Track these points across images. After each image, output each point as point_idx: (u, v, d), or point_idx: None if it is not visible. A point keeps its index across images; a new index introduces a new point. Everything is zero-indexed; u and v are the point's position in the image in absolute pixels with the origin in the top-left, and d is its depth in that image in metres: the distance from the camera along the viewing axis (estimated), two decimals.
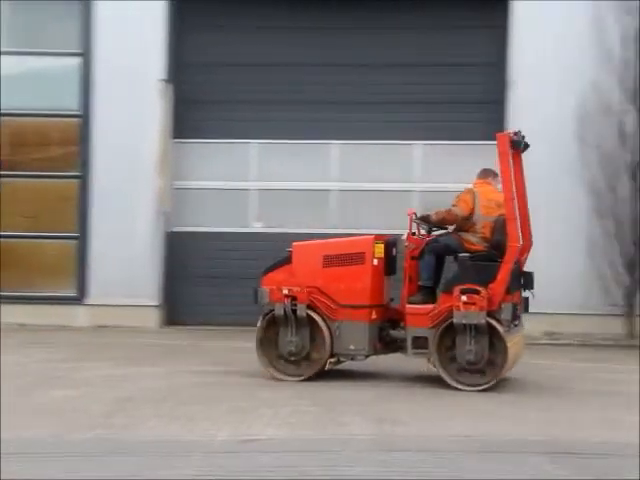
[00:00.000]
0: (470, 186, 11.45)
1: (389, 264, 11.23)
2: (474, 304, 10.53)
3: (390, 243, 11.27)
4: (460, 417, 9.35)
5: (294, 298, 11.04)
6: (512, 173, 10.75)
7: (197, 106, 16.61)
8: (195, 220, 16.72)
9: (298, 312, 11.02)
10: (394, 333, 11.20)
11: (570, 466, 7.67)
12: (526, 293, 11.30)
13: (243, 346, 12.32)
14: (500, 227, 10.90)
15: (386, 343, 11.23)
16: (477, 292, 10.53)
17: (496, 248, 10.89)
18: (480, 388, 10.60)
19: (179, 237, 16.69)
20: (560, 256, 15.56)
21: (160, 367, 12.13)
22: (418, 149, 16.45)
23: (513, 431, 8.82)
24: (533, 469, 7.49)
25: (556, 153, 15.53)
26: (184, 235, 16.70)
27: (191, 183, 16.77)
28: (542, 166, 15.63)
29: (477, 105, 16.20)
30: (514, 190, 10.76)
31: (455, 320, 10.61)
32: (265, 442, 8.14)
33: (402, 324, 11.13)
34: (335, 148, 16.62)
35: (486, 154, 16.14)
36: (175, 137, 16.65)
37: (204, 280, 16.50)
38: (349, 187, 16.56)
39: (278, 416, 9.16)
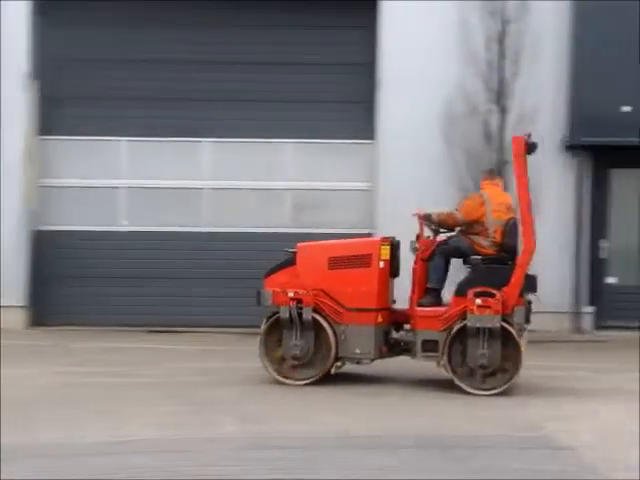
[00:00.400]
0: (480, 192, 11.33)
1: (393, 266, 11.06)
2: (489, 307, 10.42)
3: (394, 245, 11.10)
4: (321, 414, 9.46)
5: (300, 301, 10.78)
6: (527, 176, 10.72)
7: (65, 103, 16.26)
8: (63, 219, 16.38)
9: (304, 315, 10.76)
10: (400, 336, 11.10)
11: (444, 459, 7.85)
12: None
13: (112, 346, 12.15)
14: (510, 231, 10.92)
15: (391, 346, 11.08)
16: (491, 295, 10.46)
17: (506, 251, 10.86)
18: (493, 392, 10.53)
19: (46, 236, 16.32)
20: None
21: (24, 369, 11.82)
22: (289, 147, 16.51)
23: (374, 426, 8.97)
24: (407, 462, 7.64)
25: (424, 153, 15.81)
26: (51, 234, 16.33)
27: (58, 181, 16.43)
28: (411, 166, 15.91)
29: (347, 104, 16.34)
30: (528, 193, 10.73)
31: (469, 323, 10.47)
32: (137, 443, 8.06)
33: (408, 327, 11.01)
34: (206, 146, 16.53)
35: (356, 153, 16.42)
36: (41, 134, 16.28)
37: (72, 280, 16.18)
38: (221, 185, 16.49)
39: (148, 416, 9.09)
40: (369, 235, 16.01)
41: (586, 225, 15.92)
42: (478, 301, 10.43)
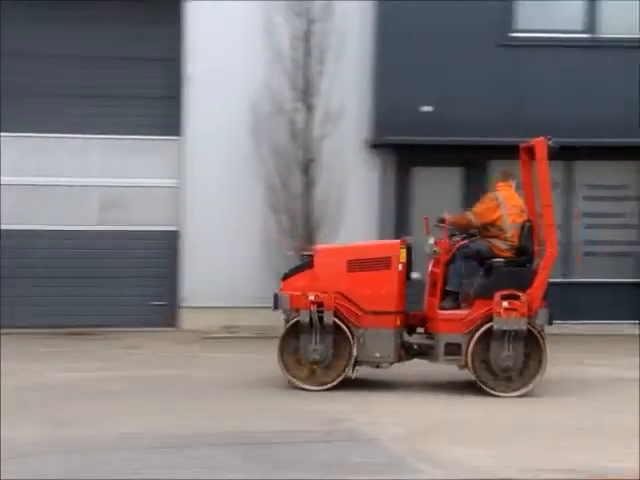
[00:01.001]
0: (495, 193, 11.18)
1: (409, 269, 10.89)
2: (515, 310, 10.42)
3: (409, 248, 10.95)
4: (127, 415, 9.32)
5: (320, 304, 10.53)
6: (550, 179, 10.71)
7: None
8: None
9: (325, 319, 10.53)
10: (417, 339, 10.99)
11: (245, 456, 7.83)
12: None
13: None
14: (526, 233, 10.91)
15: (406, 349, 10.90)
16: (517, 298, 10.45)
17: (524, 254, 10.87)
18: (516, 394, 10.56)
19: None
20: (238, 251, 15.86)
21: None
22: (94, 144, 16.12)
23: (191, 425, 8.88)
24: (204, 461, 7.59)
25: (232, 150, 15.81)
26: None
27: None
28: (219, 163, 15.87)
29: (154, 100, 16.12)
30: (551, 196, 10.72)
31: (496, 326, 10.45)
32: None
33: (423, 330, 10.96)
34: (8, 141, 15.90)
35: (162, 150, 16.20)
36: None
37: None
38: (21, 182, 15.93)
39: None
40: (175, 233, 15.93)
41: (390, 222, 16.26)
42: (505, 304, 10.44)
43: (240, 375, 11.64)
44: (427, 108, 15.64)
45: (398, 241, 11.10)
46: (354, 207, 15.78)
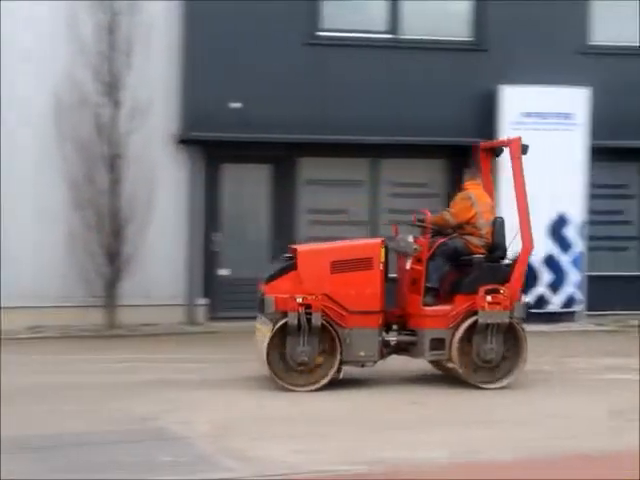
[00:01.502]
0: (467, 192, 11.43)
1: (386, 268, 10.88)
2: (498, 304, 10.78)
3: (387, 247, 10.95)
4: None
5: (308, 306, 10.47)
6: (524, 177, 11.11)
7: None
8: None
9: (313, 321, 10.47)
10: (397, 336, 11.11)
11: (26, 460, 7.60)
12: None
13: None
14: (498, 230, 11.23)
15: (387, 347, 11.01)
16: (499, 292, 10.79)
17: (497, 250, 11.18)
18: (500, 384, 10.89)
19: None
20: (43, 249, 15.40)
21: None
22: None
23: None
24: None
25: (36, 145, 15.34)
26: None
27: None
28: (23, 158, 15.35)
29: None
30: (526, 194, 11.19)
31: (481, 320, 10.74)
32: None
33: (408, 327, 11.06)
34: None
35: None
36: None
37: None
38: None
39: None
40: None
41: (200, 218, 16.17)
42: (489, 298, 10.77)
43: (45, 377, 11.30)
44: (236, 105, 15.60)
45: (378, 241, 11.16)
46: (163, 203, 15.59)
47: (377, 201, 16.94)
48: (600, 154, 16.18)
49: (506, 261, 11.25)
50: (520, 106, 16.09)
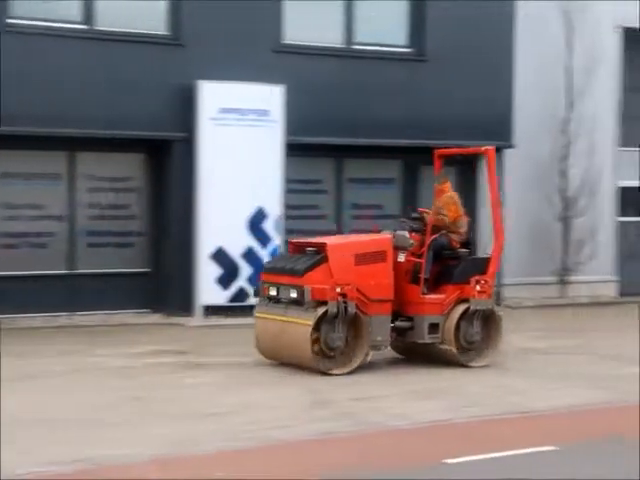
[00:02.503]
0: (452, 194, 12.69)
1: None
2: (484, 292, 12.16)
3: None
4: None
5: (344, 295, 11.32)
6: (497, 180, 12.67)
7: None
8: None
9: (349, 309, 11.38)
10: (398, 322, 12.05)
11: None
12: None
13: None
14: (470, 227, 12.83)
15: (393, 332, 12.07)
16: (486, 282, 12.21)
17: (469, 245, 12.65)
18: (482, 363, 12.25)
19: None
20: None
21: None
22: None
23: None
24: None
25: None
26: None
27: None
28: None
29: None
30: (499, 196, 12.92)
31: (472, 307, 12.12)
32: None
33: (407, 313, 12.08)
34: None
35: None
36: None
37: None
38: None
39: None
40: None
41: None
42: (478, 287, 12.11)
43: None
44: None
45: (389, 236, 12.18)
46: None
47: (75, 195, 16.52)
48: (296, 150, 16.62)
49: (484, 255, 12.89)
50: (218, 102, 16.23)
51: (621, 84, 19.89)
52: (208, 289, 16.19)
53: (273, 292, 11.91)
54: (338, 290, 11.37)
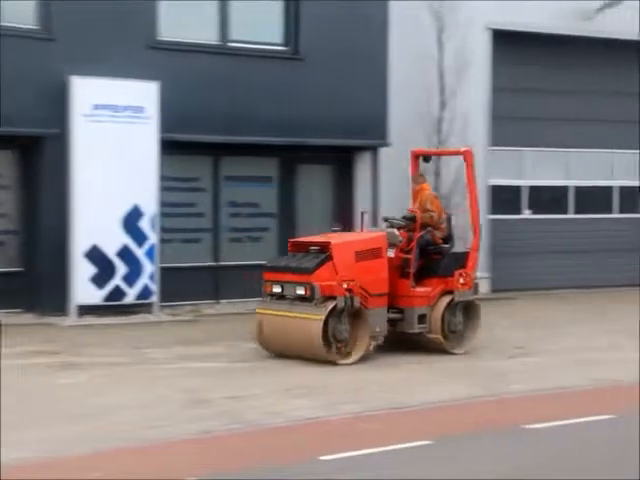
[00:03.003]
0: (433, 192, 14.00)
1: None
2: (466, 284, 13.16)
3: None
4: None
5: (350, 291, 12.13)
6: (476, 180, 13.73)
7: None
8: None
9: (355, 303, 12.19)
10: (395, 314, 12.92)
11: None
12: None
13: None
14: (448, 224, 13.54)
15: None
16: (467, 275, 13.21)
17: (450, 241, 13.48)
18: (464, 349, 13.20)
19: None
20: None
21: None
22: None
23: None
24: None
25: None
26: None
27: None
28: None
29: None
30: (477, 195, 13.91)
31: (456, 298, 13.06)
32: None
33: (397, 305, 12.91)
34: None
35: None
36: None
37: None
38: None
39: None
40: None
41: None
42: (461, 280, 13.07)
43: None
44: None
45: (383, 233, 13.08)
46: None
47: None
48: (172, 147, 16.48)
49: (463, 250, 13.63)
50: (91, 98, 15.94)
51: (491, 84, 20.33)
52: (82, 288, 15.90)
53: (277, 289, 12.56)
54: (345, 286, 12.15)
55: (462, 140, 19.23)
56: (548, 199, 21.32)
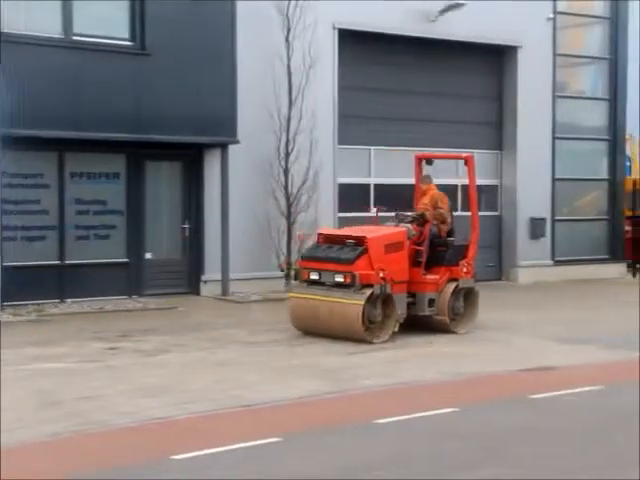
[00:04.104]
0: (440, 192, 15.53)
1: None
2: (469, 273, 15.04)
3: None
4: None
5: (384, 279, 13.86)
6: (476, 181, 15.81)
7: None
8: None
9: (387, 290, 13.92)
10: (409, 299, 14.56)
11: None
12: None
13: None
14: (452, 219, 15.41)
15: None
16: (468, 265, 15.08)
17: (452, 234, 15.25)
18: (465, 330, 14.93)
19: None
20: None
21: None
22: None
23: None
24: None
25: None
26: None
27: None
28: None
29: None
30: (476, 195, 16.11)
31: (461, 285, 14.90)
32: None
33: (410, 291, 14.52)
34: None
35: None
36: None
37: None
38: None
39: None
40: None
41: None
42: (464, 269, 14.94)
43: None
44: None
45: (404, 229, 14.59)
46: None
47: None
48: (14, 143, 16.01)
49: (463, 242, 15.25)
50: None
51: (337, 83, 20.54)
52: None
53: (315, 276, 14.16)
54: (380, 275, 13.80)
55: (310, 138, 19.45)
56: (395, 197, 21.68)
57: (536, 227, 23.27)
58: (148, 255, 18.68)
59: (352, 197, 21.08)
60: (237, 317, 16.35)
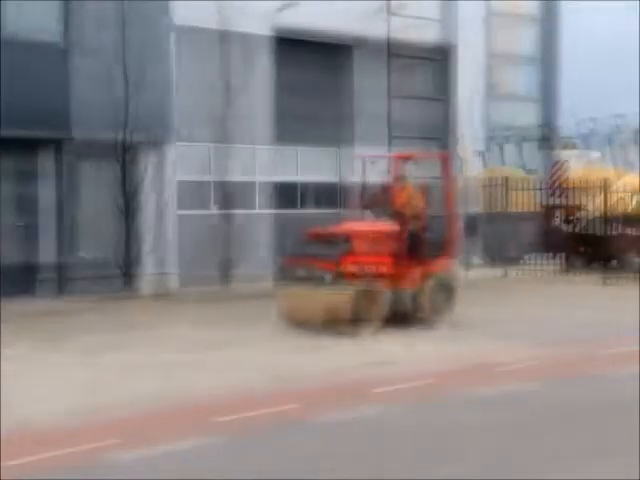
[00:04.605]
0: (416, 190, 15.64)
1: None
2: (447, 268, 15.64)
3: None
4: None
5: (369, 275, 14.52)
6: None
7: None
8: None
9: (373, 285, 14.40)
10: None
11: None
12: None
13: None
14: (427, 217, 15.75)
15: None
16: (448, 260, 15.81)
17: (428, 230, 15.59)
18: (443, 323, 15.03)
19: None
20: None
21: None
22: None
23: None
24: None
25: None
26: None
27: None
28: None
29: None
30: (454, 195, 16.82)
31: (439, 279, 15.27)
32: None
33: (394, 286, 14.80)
34: None
35: None
36: None
37: None
38: None
39: None
40: None
41: None
42: (443, 264, 15.47)
43: None
44: None
45: (388, 225, 14.95)
46: None
47: None
48: None
49: (441, 239, 15.67)
50: None
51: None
52: None
53: (302, 273, 14.41)
54: (366, 270, 14.31)
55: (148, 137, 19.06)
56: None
57: None
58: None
59: (192, 194, 20.82)
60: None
